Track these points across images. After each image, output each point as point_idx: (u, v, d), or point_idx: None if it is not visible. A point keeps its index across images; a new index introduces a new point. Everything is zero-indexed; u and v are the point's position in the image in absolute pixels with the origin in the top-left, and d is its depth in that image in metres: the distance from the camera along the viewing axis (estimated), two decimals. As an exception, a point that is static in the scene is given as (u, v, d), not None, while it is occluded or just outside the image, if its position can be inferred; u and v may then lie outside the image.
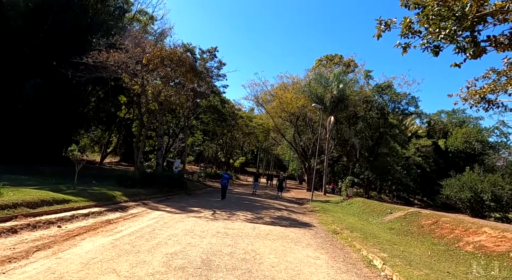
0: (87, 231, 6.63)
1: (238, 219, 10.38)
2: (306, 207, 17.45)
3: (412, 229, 10.25)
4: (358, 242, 8.16)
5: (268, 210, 14.11)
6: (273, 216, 12.31)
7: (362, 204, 16.94)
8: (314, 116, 29.37)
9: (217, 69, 26.13)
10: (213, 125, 34.72)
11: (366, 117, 29.28)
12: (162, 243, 6.25)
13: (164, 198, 14.13)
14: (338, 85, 24.67)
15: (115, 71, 13.92)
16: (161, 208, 11.18)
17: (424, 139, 55.03)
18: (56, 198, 8.07)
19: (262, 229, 9.03)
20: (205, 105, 28.67)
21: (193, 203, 13.74)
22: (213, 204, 14.09)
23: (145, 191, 13.75)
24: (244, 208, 13.67)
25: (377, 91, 28.63)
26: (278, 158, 71.51)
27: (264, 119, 41.26)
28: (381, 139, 29.22)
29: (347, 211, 16.10)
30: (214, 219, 9.96)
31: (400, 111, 28.84)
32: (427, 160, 50.88)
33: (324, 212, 14.47)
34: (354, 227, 10.53)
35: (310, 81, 27.54)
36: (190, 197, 16.63)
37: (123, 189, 12.76)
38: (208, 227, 8.48)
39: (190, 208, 12.06)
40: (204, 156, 65.15)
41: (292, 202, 20.66)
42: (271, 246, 7.04)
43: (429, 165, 50.41)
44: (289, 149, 39.01)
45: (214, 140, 40.75)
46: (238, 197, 19.15)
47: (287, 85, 32.00)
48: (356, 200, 18.67)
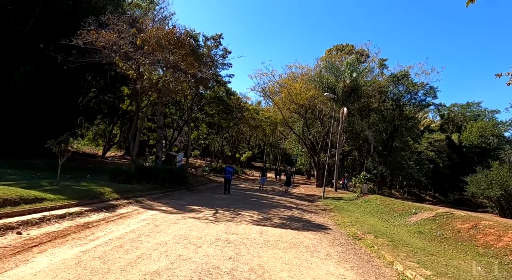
0: (53, 239, 5.32)
1: (243, 221, 9.00)
2: (318, 205, 16.01)
3: (446, 234, 8.74)
4: (388, 251, 6.72)
5: (276, 208, 12.72)
6: (282, 216, 10.91)
7: (380, 202, 15.43)
8: (324, 108, 27.72)
9: (222, 58, 24.66)
10: (218, 118, 33.32)
11: (380, 109, 27.51)
12: (144, 256, 4.90)
13: (162, 195, 12.84)
14: (352, 74, 22.96)
15: (108, 54, 12.56)
16: (156, 207, 9.87)
17: (438, 133, 53.10)
18: (25, 197, 6.78)
19: (270, 234, 7.64)
20: (210, 96, 27.26)
21: (193, 201, 12.43)
22: (216, 202, 12.75)
23: (141, 187, 12.47)
24: (250, 207, 12.31)
25: (392, 81, 26.78)
26: (285, 153, 69.97)
27: (271, 112, 39.71)
28: (396, 132, 27.47)
29: (363, 210, 14.62)
30: (215, 220, 8.60)
31: (417, 102, 27.01)
32: (440, 155, 49.03)
33: (339, 211, 13.01)
34: (377, 230, 9.06)
35: (321, 69, 25.84)
36: (192, 193, 15.34)
37: (115, 184, 11.50)
38: (207, 231, 7.12)
39: (190, 206, 10.74)
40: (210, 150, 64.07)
41: (302, 199, 19.24)
42: (282, 259, 5.64)
43: (442, 160, 48.62)
44: (298, 143, 37.45)
45: (220, 133, 39.39)
46: (244, 194, 17.81)
47: (296, 75, 30.34)
48: (372, 198, 17.16)
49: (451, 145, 51.93)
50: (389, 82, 27.03)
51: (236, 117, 34.77)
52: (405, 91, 26.56)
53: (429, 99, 26.84)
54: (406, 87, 26.51)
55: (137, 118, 13.84)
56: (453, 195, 59.40)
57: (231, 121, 34.77)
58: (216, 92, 27.43)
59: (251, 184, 26.34)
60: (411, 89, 26.29)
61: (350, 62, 23.81)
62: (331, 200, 17.45)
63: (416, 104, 27.13)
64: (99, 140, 52.89)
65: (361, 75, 24.05)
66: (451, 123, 61.26)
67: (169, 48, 11.74)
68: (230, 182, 16.46)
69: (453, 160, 50.26)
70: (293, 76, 30.66)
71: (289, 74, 30.87)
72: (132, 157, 14.04)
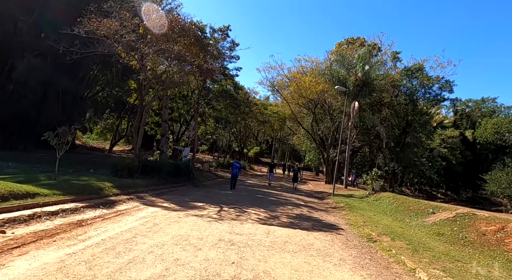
0: (39, 239, 4.85)
1: (248, 219, 8.45)
2: (328, 202, 15.37)
3: (470, 237, 8.03)
4: (408, 256, 6.07)
5: (284, 206, 12.14)
6: (291, 214, 10.33)
7: (393, 200, 14.69)
8: (334, 103, 26.86)
9: (229, 50, 24.07)
10: (226, 113, 32.81)
11: (393, 104, 26.52)
12: (137, 261, 4.38)
13: (166, 190, 12.39)
14: (364, 67, 22.08)
15: (111, 44, 12.08)
16: (158, 203, 9.39)
17: (451, 130, 51.74)
18: (15, 192, 6.35)
19: (278, 234, 7.06)
20: (217, 90, 26.71)
21: (198, 197, 11.94)
22: (221, 198, 12.24)
23: (144, 182, 12.03)
24: (257, 204, 11.75)
25: (406, 74, 25.72)
26: (293, 149, 69.19)
27: (280, 107, 38.97)
28: (409, 128, 26.47)
29: (376, 208, 13.92)
30: (219, 218, 8.07)
31: (431, 97, 25.91)
32: (453, 152, 47.72)
33: (350, 210, 12.36)
34: (393, 231, 8.41)
35: (331, 63, 24.98)
36: (197, 189, 14.87)
37: (118, 179, 11.07)
38: (209, 231, 6.58)
39: (193, 203, 10.24)
40: (217, 145, 63.75)
41: (311, 196, 18.62)
42: (291, 264, 5.06)
43: (455, 157, 47.33)
44: (306, 138, 36.66)
45: (227, 128, 38.89)
46: (251, 190, 17.28)
47: (305, 69, 29.52)
48: (385, 195, 16.43)
49: (465, 142, 50.57)
50: (403, 76, 25.99)
51: (244, 112, 34.20)
52: (419, 85, 25.50)
53: (444, 93, 25.74)
54: (420, 81, 25.44)
55: (141, 111, 13.38)
56: (466, 193, 57.98)
57: (238, 115, 34.24)
58: (223, 86, 26.86)
59: (259, 180, 25.82)
60: (426, 83, 25.22)
61: (362, 54, 22.89)
62: (342, 198, 16.78)
63: (431, 99, 26.05)
64: (107, 134, 52.99)
65: (373, 68, 23.15)
66: (465, 119, 59.63)
67: (172, 37, 11.19)
68: (236, 178, 16.27)
69: (466, 157, 48.92)
70: (302, 69, 29.86)
71: (298, 68, 30.09)
72: (135, 151, 13.61)
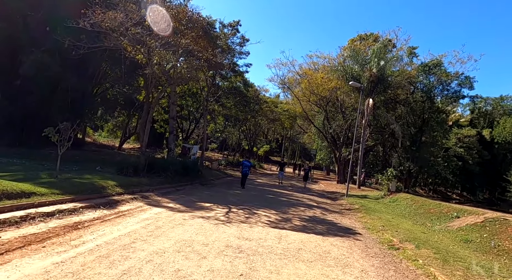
0: (27, 244, 4.38)
1: (258, 222, 7.87)
2: (342, 203, 14.66)
3: (504, 246, 7.25)
4: (438, 268, 5.39)
5: (296, 207, 11.52)
6: (303, 216, 9.70)
7: (412, 202, 13.88)
8: (347, 100, 25.98)
9: (239, 46, 23.50)
10: (235, 110, 32.31)
11: (409, 101, 25.48)
12: (132, 272, 3.85)
13: (173, 190, 11.92)
14: (379, 62, 21.19)
15: (117, 38, 11.67)
16: (163, 204, 8.91)
17: (468, 129, 50.20)
18: (9, 191, 5.93)
19: (291, 240, 6.47)
20: (227, 87, 26.20)
21: (206, 196, 11.44)
22: (230, 198, 11.71)
23: (150, 180, 11.59)
24: (267, 205, 11.17)
25: (423, 70, 24.64)
26: (304, 147, 68.33)
27: (290, 104, 38.24)
28: (426, 126, 25.40)
29: (393, 210, 13.16)
30: (226, 221, 7.52)
31: (450, 94, 24.75)
32: (470, 151, 46.20)
33: (367, 212, 11.64)
34: (416, 237, 7.70)
35: (344, 58, 24.13)
36: (205, 188, 14.38)
37: (122, 178, 10.65)
38: (216, 235, 6.04)
39: (200, 203, 9.73)
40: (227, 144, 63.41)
41: (323, 196, 17.93)
42: (307, 277, 4.46)
43: (472, 157, 45.83)
44: (318, 137, 35.85)
45: (237, 126, 38.39)
46: (261, 189, 16.71)
47: (317, 65, 28.71)
48: (402, 197, 15.61)
49: (482, 141, 48.99)
50: (419, 72, 24.92)
51: (253, 109, 33.65)
52: (436, 81, 24.40)
53: (464, 90, 24.54)
54: (438, 77, 24.34)
55: (148, 107, 12.94)
56: (483, 194, 56.17)
57: (248, 113, 33.70)
58: (233, 82, 26.32)
59: (269, 179, 25.22)
60: (444, 79, 24.10)
61: (376, 49, 21.99)
62: (356, 199, 16.04)
63: (449, 96, 24.89)
64: (118, 132, 53.29)
65: (388, 64, 22.23)
66: (482, 118, 57.80)
67: (180, 29, 10.69)
68: (247, 176, 16.27)
69: (483, 157, 47.36)
70: (314, 66, 29.07)
71: (310, 64, 29.31)
72: (141, 148, 13.20)
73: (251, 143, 46.82)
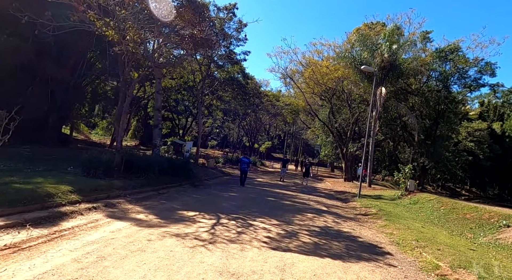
0: None
1: (254, 240, 5.83)
2: (355, 206, 12.58)
3: None
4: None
5: (303, 214, 9.46)
6: (312, 228, 7.64)
7: (438, 204, 11.79)
8: (356, 90, 23.75)
9: (236, 31, 21.35)
10: (234, 104, 30.24)
11: (423, 91, 23.26)
12: None
13: (154, 194, 9.89)
14: (391, 46, 18.99)
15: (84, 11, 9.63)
16: (131, 215, 6.89)
17: (478, 122, 48.13)
18: None
19: (299, 272, 4.43)
20: (223, 77, 24.08)
21: (193, 202, 9.42)
22: (222, 203, 9.67)
23: (125, 183, 9.56)
24: (267, 211, 9.14)
25: (438, 56, 22.41)
26: (307, 143, 66.24)
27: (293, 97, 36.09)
28: (442, 118, 23.20)
29: (417, 215, 11.08)
30: (210, 240, 5.48)
31: (469, 82, 22.46)
32: (481, 146, 44.07)
33: (388, 218, 9.56)
34: (468, 259, 5.63)
35: (353, 43, 21.91)
36: (196, 190, 12.35)
37: (88, 180, 8.63)
38: (187, 270, 4.00)
39: (183, 212, 7.71)
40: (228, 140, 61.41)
41: (332, 197, 15.86)
42: None
43: (483, 152, 43.72)
44: (322, 131, 33.71)
45: (236, 121, 36.31)
46: (261, 190, 14.66)
47: (321, 54, 26.52)
48: (423, 197, 13.52)
49: (492, 135, 46.94)
50: (435, 58, 22.67)
51: (254, 103, 31.57)
52: (454, 68, 22.14)
53: (485, 77, 22.23)
54: (455, 63, 22.07)
55: (124, 95, 10.90)
56: (493, 190, 54.18)
57: (248, 107, 31.63)
58: (230, 73, 24.20)
59: (270, 178, 23.16)
60: (462, 66, 21.84)
61: (389, 32, 19.78)
62: (370, 200, 13.96)
63: (468, 84, 22.62)
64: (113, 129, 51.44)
65: (401, 49, 20.00)
66: (492, 110, 55.63)
67: None
68: (246, 174, 15.39)
69: (495, 152, 45.35)
70: (318, 54, 26.86)
71: (314, 52, 27.07)
72: (117, 144, 11.18)
73: (252, 139, 44.75)
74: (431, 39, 23.72)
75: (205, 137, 62.77)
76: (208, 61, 20.89)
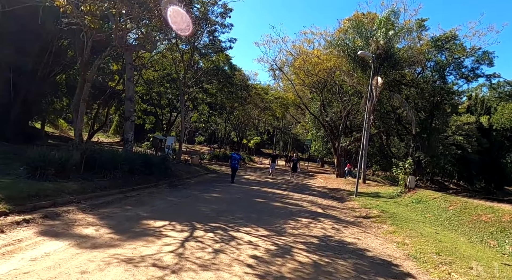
0: None
1: (234, 262, 4.36)
2: (353, 206, 11.26)
3: None
4: None
5: (296, 219, 8.05)
6: (309, 239, 6.22)
7: (445, 203, 10.59)
8: (349, 81, 22.40)
9: (221, 17, 19.67)
10: (221, 97, 28.54)
11: (419, 81, 22.17)
12: None
13: (120, 197, 8.28)
14: (387, 33, 17.74)
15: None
16: (77, 228, 5.29)
17: (467, 116, 48.22)
18: None
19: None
20: (208, 67, 22.37)
21: (165, 207, 7.88)
22: (202, 208, 8.16)
23: (82, 185, 7.93)
24: (255, 217, 7.69)
25: (435, 45, 21.31)
26: (296, 139, 65.13)
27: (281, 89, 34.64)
28: (438, 110, 22.20)
29: (424, 216, 9.85)
30: (174, 266, 3.97)
31: (466, 72, 21.46)
32: (469, 139, 43.98)
33: (394, 222, 8.24)
34: None
35: (346, 29, 20.52)
36: (173, 191, 10.77)
37: (33, 183, 6.98)
38: None
39: (147, 221, 6.17)
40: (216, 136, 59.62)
41: (326, 195, 14.54)
42: None
43: (471, 145, 43.66)
44: (313, 125, 32.47)
45: (223, 115, 34.61)
46: (248, 190, 13.18)
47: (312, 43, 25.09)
48: (425, 195, 12.36)
49: (480, 128, 47.16)
50: (430, 47, 21.55)
51: (241, 96, 29.95)
52: (450, 57, 21.07)
53: (482, 67, 21.24)
54: (451, 52, 21.01)
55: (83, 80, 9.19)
56: (479, 183, 54.63)
57: (235, 101, 30.00)
58: (215, 62, 22.50)
59: (259, 175, 21.71)
60: (459, 55, 20.78)
61: (384, 18, 18.49)
62: (368, 199, 12.70)
63: (465, 74, 21.61)
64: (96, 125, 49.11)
65: (397, 36, 18.78)
66: (479, 104, 55.88)
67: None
68: (236, 170, 15.17)
69: (482, 145, 45.48)
70: (308, 44, 25.41)
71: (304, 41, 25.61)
72: (75, 138, 9.48)
73: (240, 134, 43.15)
74: (426, 27, 22.60)
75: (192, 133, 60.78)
76: (191, 49, 19.18)
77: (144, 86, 30.48)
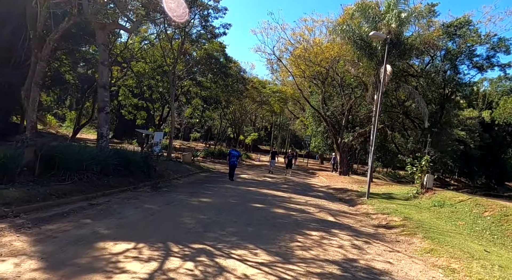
0: None
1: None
2: (367, 211, 9.58)
3: None
4: None
5: (304, 233, 6.36)
6: (327, 268, 4.54)
7: (477, 207, 8.96)
8: (354, 70, 20.64)
9: (213, 1, 17.82)
10: (216, 90, 26.73)
11: (429, 71, 20.50)
12: None
13: (80, 206, 6.55)
14: (399, 15, 16.01)
15: None
16: None
17: (469, 110, 46.93)
18: None
19: None
20: (200, 55, 20.52)
21: (137, 218, 6.16)
22: (184, 219, 6.45)
23: (30, 192, 6.18)
24: (251, 231, 6.00)
25: (446, 32, 19.63)
26: (294, 135, 63.41)
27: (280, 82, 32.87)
28: (449, 103, 20.58)
29: (454, 224, 8.21)
30: None
31: (482, 59, 19.81)
32: (472, 134, 42.77)
33: (427, 235, 6.57)
34: None
35: (352, 14, 18.75)
36: (155, 194, 9.03)
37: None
38: None
39: (105, 243, 4.45)
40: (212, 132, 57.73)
41: (333, 198, 12.86)
42: None
43: (474, 141, 42.47)
44: (313, 120, 30.80)
45: (218, 109, 32.75)
46: (245, 192, 11.46)
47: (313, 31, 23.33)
48: (449, 197, 10.75)
49: (481, 123, 46.17)
50: (441, 34, 19.84)
51: (237, 89, 28.16)
52: (462, 44, 19.40)
53: (499, 55, 19.59)
54: (464, 39, 19.35)
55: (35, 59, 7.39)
56: (480, 179, 53.76)
57: (231, 94, 28.20)
58: (208, 50, 20.65)
59: (257, 173, 19.98)
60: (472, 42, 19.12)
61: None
62: (381, 201, 11.06)
63: (479, 64, 19.95)
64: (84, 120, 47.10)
65: (409, 20, 17.07)
66: (480, 99, 54.80)
67: None
68: (235, 168, 14.66)
69: (484, 141, 44.44)
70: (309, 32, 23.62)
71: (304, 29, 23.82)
72: (27, 131, 7.72)
73: (236, 130, 41.37)
74: (437, 12, 20.84)
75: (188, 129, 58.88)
76: (181, 35, 17.34)
77: (135, 80, 28.60)
